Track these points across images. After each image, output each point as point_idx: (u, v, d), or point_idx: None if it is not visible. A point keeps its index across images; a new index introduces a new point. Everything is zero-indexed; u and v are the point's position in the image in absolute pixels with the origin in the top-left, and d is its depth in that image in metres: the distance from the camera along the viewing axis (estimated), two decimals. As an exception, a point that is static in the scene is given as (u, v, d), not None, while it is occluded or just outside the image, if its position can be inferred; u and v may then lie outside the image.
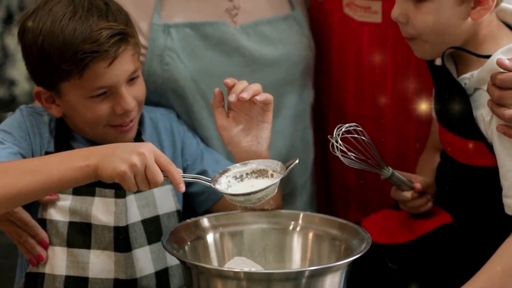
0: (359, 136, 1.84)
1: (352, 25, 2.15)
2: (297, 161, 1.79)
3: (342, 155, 1.83)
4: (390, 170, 1.91)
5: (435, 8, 1.77)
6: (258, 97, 1.84)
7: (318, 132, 2.28)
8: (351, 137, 1.84)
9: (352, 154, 1.83)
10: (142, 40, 2.01)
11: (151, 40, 2.04)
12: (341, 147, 1.82)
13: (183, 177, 1.69)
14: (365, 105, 2.17)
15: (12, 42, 4.17)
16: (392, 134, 2.15)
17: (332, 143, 1.82)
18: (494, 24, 1.83)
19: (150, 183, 1.66)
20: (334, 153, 1.82)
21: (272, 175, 1.80)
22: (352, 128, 1.84)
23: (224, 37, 2.09)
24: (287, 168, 1.78)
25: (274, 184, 1.76)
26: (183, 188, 1.68)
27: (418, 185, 1.92)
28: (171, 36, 2.05)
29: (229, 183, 1.78)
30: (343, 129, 1.83)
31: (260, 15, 2.14)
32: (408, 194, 1.93)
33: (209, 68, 2.08)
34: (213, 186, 1.74)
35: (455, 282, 1.76)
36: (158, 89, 2.07)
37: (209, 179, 1.76)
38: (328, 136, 1.84)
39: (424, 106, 2.11)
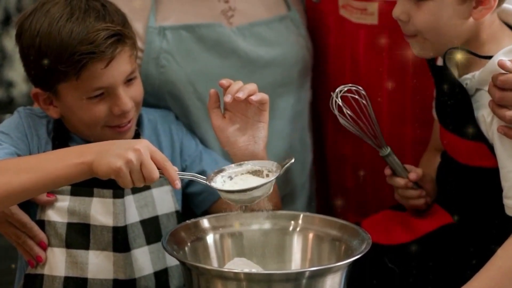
0: (360, 99, 1.81)
1: (348, 26, 2.12)
2: (293, 160, 1.76)
3: (339, 113, 1.79)
4: (388, 149, 1.88)
5: (437, 6, 1.74)
6: (253, 97, 1.81)
7: (316, 133, 2.25)
8: (351, 97, 1.80)
9: (348, 113, 1.80)
10: (138, 43, 1.97)
11: (147, 43, 2.01)
12: (339, 103, 1.78)
13: (179, 175, 1.67)
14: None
15: (10, 43, 4.15)
16: (388, 135, 2.09)
17: (332, 98, 1.79)
18: (496, 25, 1.80)
19: (146, 180, 1.64)
20: (332, 110, 1.79)
21: (267, 175, 1.77)
22: (354, 88, 1.81)
23: (220, 38, 2.05)
24: (283, 167, 1.75)
25: (269, 182, 1.72)
26: (178, 185, 1.65)
27: (413, 175, 1.90)
28: (166, 38, 2.02)
29: (224, 183, 1.75)
30: (346, 88, 1.80)
31: (256, 16, 2.10)
32: (401, 181, 1.90)
33: (205, 70, 2.04)
34: (209, 184, 1.71)
35: (455, 283, 1.73)
36: (155, 92, 2.03)
37: (205, 177, 1.73)
38: (331, 92, 1.80)
39: (420, 108, 2.07)
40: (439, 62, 1.88)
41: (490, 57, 1.74)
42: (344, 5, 2.11)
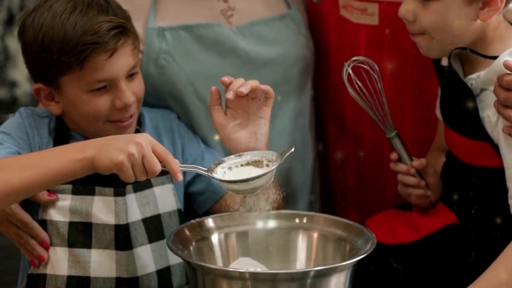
0: (372, 73, 1.76)
1: (348, 27, 2.05)
2: (292, 149, 1.69)
3: (348, 82, 1.75)
4: (395, 131, 1.83)
5: (443, 7, 1.68)
6: (262, 86, 1.76)
7: (318, 132, 2.18)
8: (363, 70, 1.76)
9: (357, 84, 1.75)
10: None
11: (147, 44, 1.95)
12: (349, 71, 1.74)
13: (180, 167, 1.61)
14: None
15: (14, 43, 4.12)
16: None
17: (344, 67, 1.76)
18: (502, 26, 1.73)
19: (148, 173, 1.58)
20: (343, 80, 1.76)
21: (267, 165, 1.71)
22: (368, 61, 1.77)
23: (219, 38, 1.99)
24: (282, 156, 1.69)
25: (270, 171, 1.66)
26: (180, 177, 1.59)
27: (416, 163, 1.83)
28: (165, 39, 1.96)
29: (224, 174, 1.69)
30: (360, 59, 1.76)
31: (256, 15, 2.03)
32: (403, 166, 1.84)
33: (205, 70, 1.98)
34: (210, 175, 1.65)
35: (460, 283, 1.66)
36: (156, 92, 1.97)
37: (206, 168, 1.67)
38: (344, 62, 1.77)
39: (421, 107, 2.00)
40: (443, 62, 1.81)
41: (495, 57, 1.68)
42: (344, 6, 2.04)
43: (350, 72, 1.75)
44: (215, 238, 1.75)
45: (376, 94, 1.78)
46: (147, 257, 1.83)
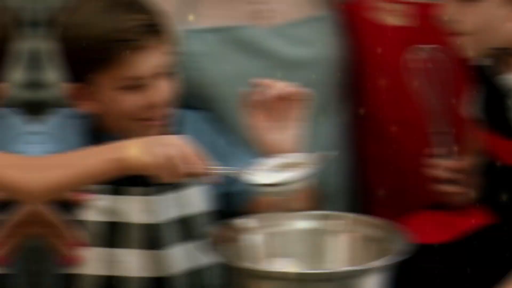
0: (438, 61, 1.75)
1: (379, 28, 1.99)
2: (333, 154, 1.67)
3: (411, 69, 1.74)
4: (445, 127, 1.78)
5: (487, 9, 1.63)
6: (298, 89, 1.73)
7: (354, 133, 2.11)
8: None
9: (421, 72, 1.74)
10: (174, 46, 1.83)
11: (183, 46, 1.89)
12: (417, 58, 1.74)
13: (216, 170, 1.59)
14: (402, 108, 2.01)
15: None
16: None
17: (420, 49, 1.75)
18: None
19: (185, 176, 1.56)
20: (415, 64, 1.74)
21: (305, 168, 1.65)
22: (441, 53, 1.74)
23: (256, 39, 1.94)
24: (322, 160, 1.63)
25: (306, 175, 1.61)
26: (216, 180, 1.58)
27: (458, 162, 1.78)
28: (203, 41, 1.92)
29: (261, 176, 1.64)
30: (434, 47, 1.76)
31: (291, 16, 1.98)
32: (443, 162, 1.80)
33: (241, 72, 1.92)
34: (245, 178, 1.63)
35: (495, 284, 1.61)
36: (192, 95, 1.91)
37: (242, 171, 1.64)
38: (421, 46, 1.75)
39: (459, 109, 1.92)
40: (478, 61, 1.76)
41: None
42: (376, 7, 1.99)
43: (418, 58, 1.72)
44: (253, 238, 1.69)
45: (441, 87, 1.74)
46: (178, 258, 1.78)
